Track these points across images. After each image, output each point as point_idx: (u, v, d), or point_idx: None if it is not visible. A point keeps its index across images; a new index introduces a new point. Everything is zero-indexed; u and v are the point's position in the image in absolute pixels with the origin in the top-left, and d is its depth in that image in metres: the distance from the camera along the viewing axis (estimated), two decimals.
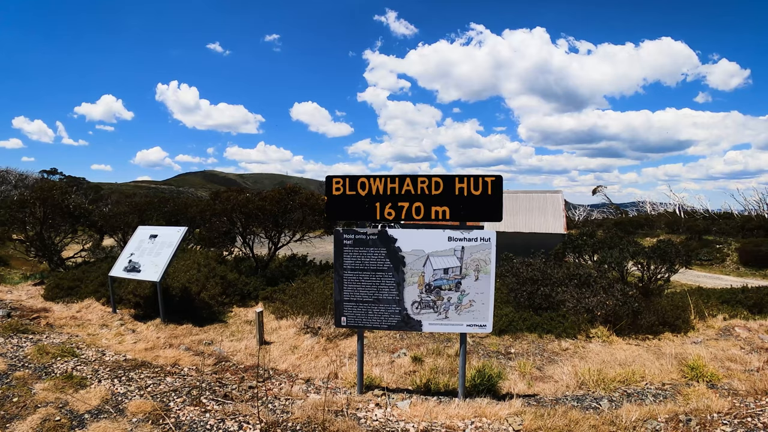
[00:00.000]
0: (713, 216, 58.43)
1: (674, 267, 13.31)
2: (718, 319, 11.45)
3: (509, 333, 9.68)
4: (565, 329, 9.58)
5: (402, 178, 5.91)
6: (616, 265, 13.19)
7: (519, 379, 7.37)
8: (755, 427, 4.92)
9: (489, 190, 5.88)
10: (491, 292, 5.87)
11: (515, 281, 11.25)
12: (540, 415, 5.03)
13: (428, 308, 5.85)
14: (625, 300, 10.17)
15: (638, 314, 10.00)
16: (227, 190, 19.26)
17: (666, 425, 4.94)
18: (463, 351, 6.08)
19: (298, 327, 9.90)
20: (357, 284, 5.93)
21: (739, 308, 13.03)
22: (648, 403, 5.98)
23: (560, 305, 10.41)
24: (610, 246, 13.53)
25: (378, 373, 7.14)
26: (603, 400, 6.15)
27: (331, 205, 6.08)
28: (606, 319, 10.02)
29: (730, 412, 5.39)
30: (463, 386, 6.10)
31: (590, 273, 11.87)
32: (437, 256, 5.80)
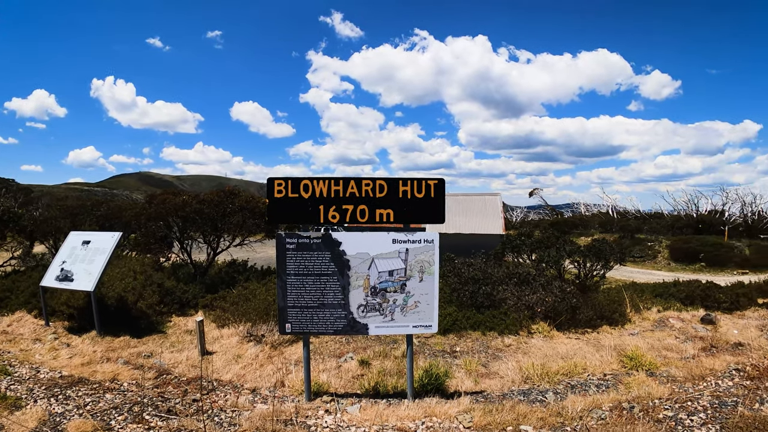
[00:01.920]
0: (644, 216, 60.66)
1: (609, 264, 13.75)
2: (652, 312, 11.88)
3: (454, 332, 9.76)
4: (507, 326, 9.75)
5: (346, 181, 5.88)
6: (554, 264, 13.53)
7: (466, 376, 7.43)
8: (695, 410, 5.13)
9: (432, 192, 5.93)
10: (436, 292, 5.93)
11: (458, 281, 11.38)
12: (489, 411, 5.10)
13: (374, 311, 5.84)
14: (564, 296, 10.46)
15: (577, 309, 10.29)
16: (163, 192, 18.65)
17: (611, 413, 5.08)
18: (410, 352, 6.11)
19: (241, 335, 9.69)
20: (301, 289, 5.85)
21: (672, 301, 13.58)
22: (592, 393, 6.16)
23: (501, 303, 10.59)
24: (547, 246, 13.88)
25: (326, 379, 7.06)
26: (548, 392, 6.28)
27: (273, 208, 5.96)
28: (546, 315, 10.26)
29: (671, 397, 5.60)
30: (412, 387, 6.12)
31: (529, 272, 12.14)
32: (382, 259, 5.80)
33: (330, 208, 5.86)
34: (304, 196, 5.88)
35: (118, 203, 25.92)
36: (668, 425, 4.73)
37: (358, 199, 5.86)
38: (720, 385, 6.04)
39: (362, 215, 5.85)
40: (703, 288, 15.09)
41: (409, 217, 5.92)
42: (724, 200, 56.18)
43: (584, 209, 72.33)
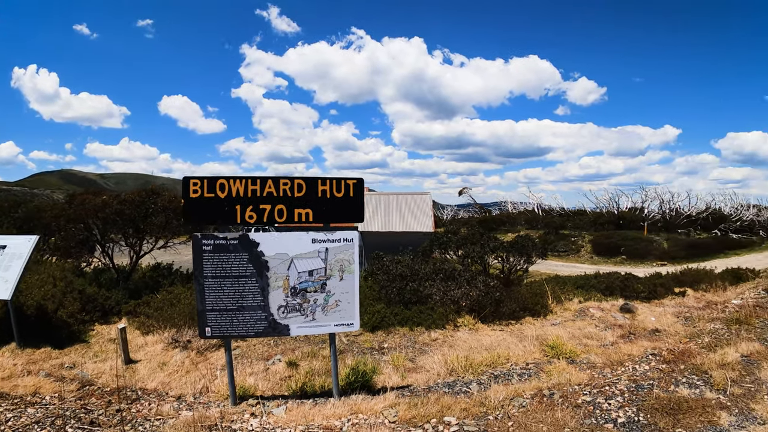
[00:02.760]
0: (568, 213, 62.98)
1: (531, 259, 14.13)
2: (574, 302, 12.29)
3: (382, 329, 9.80)
4: (434, 321, 9.87)
5: (264, 180, 5.77)
6: (479, 259, 13.79)
7: (393, 372, 7.48)
8: (613, 394, 5.34)
9: (351, 192, 5.92)
10: (356, 290, 5.92)
11: (386, 278, 11.44)
12: (414, 405, 5.13)
13: (295, 312, 5.77)
14: (488, 290, 10.69)
15: (500, 302, 10.55)
16: (84, 192, 17.83)
17: (531, 401, 5.22)
18: (334, 351, 6.08)
19: (166, 342, 9.41)
20: (219, 292, 5.70)
21: (593, 292, 14.11)
22: (514, 382, 6.30)
23: (428, 298, 10.72)
24: (472, 242, 14.14)
25: (253, 382, 6.96)
26: (472, 383, 6.38)
27: (188, 208, 5.78)
28: (471, 308, 10.45)
29: (590, 383, 5.79)
30: (337, 385, 6.09)
31: (455, 267, 12.35)
32: (301, 259, 5.74)
33: (247, 208, 5.74)
34: (221, 195, 5.73)
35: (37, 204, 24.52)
36: (586, 410, 4.89)
37: (276, 199, 5.77)
38: (637, 370, 6.30)
39: (280, 215, 5.77)
40: (622, 279, 15.78)
41: (329, 216, 5.90)
42: (644, 198, 59.48)
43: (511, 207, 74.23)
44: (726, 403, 5.01)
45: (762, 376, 5.85)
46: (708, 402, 5.02)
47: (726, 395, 5.24)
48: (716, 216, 57.00)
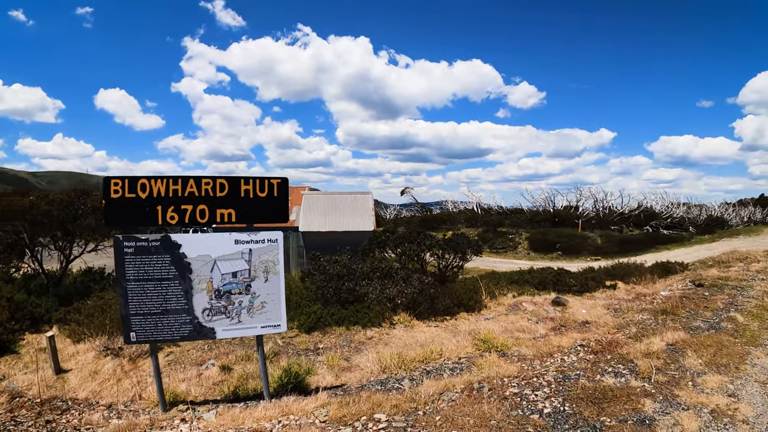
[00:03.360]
0: (506, 211, 64.27)
1: (466, 256, 14.27)
2: (508, 297, 12.48)
3: (318, 329, 9.69)
4: (370, 319, 9.84)
5: (185, 180, 5.60)
6: (416, 257, 13.86)
7: (328, 372, 7.42)
8: (540, 385, 5.41)
9: (275, 191, 5.81)
10: (282, 291, 5.82)
11: (323, 278, 11.33)
12: (346, 403, 5.09)
13: (220, 314, 5.63)
14: (423, 288, 10.74)
15: (435, 299, 10.63)
16: (12, 192, 17.01)
17: (461, 394, 5.23)
18: (261, 353, 5.98)
19: (97, 349, 9.06)
20: (143, 296, 5.50)
21: (527, 287, 14.39)
22: (446, 377, 6.32)
23: (365, 297, 10.67)
24: (409, 240, 14.17)
25: (185, 388, 6.81)
26: (405, 380, 6.38)
27: (110, 210, 5.55)
28: (407, 306, 10.47)
29: (519, 375, 5.87)
30: (267, 388, 6.00)
31: (392, 266, 12.36)
32: (225, 260, 5.59)
33: (168, 208, 5.55)
34: (142, 196, 5.52)
35: None
36: (513, 401, 4.95)
37: (197, 199, 5.59)
38: (565, 361, 6.42)
39: (202, 216, 5.60)
40: (554, 274, 16.14)
41: (252, 216, 5.77)
42: (579, 197, 61.53)
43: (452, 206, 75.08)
44: (650, 391, 5.15)
45: (686, 364, 6.05)
46: (633, 390, 5.14)
47: (651, 383, 5.39)
48: (648, 213, 59.59)
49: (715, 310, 9.37)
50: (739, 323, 8.27)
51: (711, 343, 6.95)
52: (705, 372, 5.79)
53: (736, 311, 9.16)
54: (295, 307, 10.74)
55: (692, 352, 6.52)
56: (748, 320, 8.51)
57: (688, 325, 8.09)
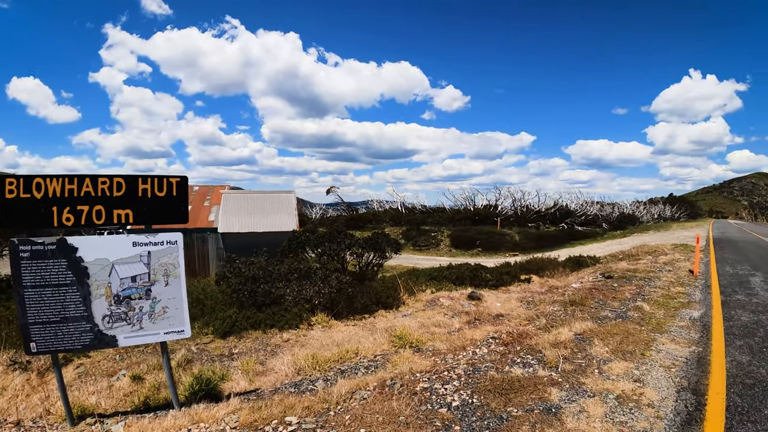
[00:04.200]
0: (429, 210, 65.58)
1: (386, 254, 14.33)
2: (426, 293, 12.63)
3: (234, 334, 9.48)
4: (287, 321, 9.71)
5: (81, 178, 5.30)
6: (335, 257, 13.80)
7: (242, 377, 7.24)
8: (450, 378, 5.45)
9: (174, 191, 5.57)
10: (184, 296, 5.58)
11: (238, 281, 11.08)
12: (258, 408, 5.00)
13: (121, 321, 5.35)
14: (341, 287, 10.70)
15: (354, 298, 10.61)
16: None
17: (373, 392, 5.19)
18: (167, 360, 5.75)
19: (4, 364, 8.51)
20: (41, 303, 5.15)
21: (445, 282, 14.63)
22: (360, 375, 6.27)
23: (281, 299, 10.52)
24: (329, 240, 14.09)
25: (95, 401, 6.47)
26: (318, 381, 6.29)
27: (4, 211, 5.19)
28: (326, 306, 10.41)
29: (431, 369, 5.89)
30: (176, 396, 5.77)
31: (310, 266, 12.26)
32: (123, 264, 5.32)
33: (64, 209, 5.23)
34: (37, 196, 5.18)
35: None
36: (423, 396, 4.95)
37: (94, 199, 5.30)
38: (477, 353, 6.50)
39: (99, 216, 5.31)
40: (472, 269, 16.48)
41: (150, 217, 5.51)
42: (498, 196, 64.02)
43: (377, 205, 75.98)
44: (557, 380, 5.27)
45: (593, 352, 6.24)
46: (540, 380, 5.25)
47: (558, 372, 5.52)
48: (563, 211, 63.05)
49: (623, 300, 9.75)
50: (645, 312, 8.62)
51: (618, 332, 7.20)
52: (611, 359, 5.98)
53: (642, 301, 9.56)
54: (210, 311, 10.49)
55: (599, 340, 6.73)
56: (654, 309, 8.89)
57: (596, 315, 8.37)
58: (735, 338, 7.12)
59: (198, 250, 24.34)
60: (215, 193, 27.80)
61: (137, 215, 5.43)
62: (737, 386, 5.24)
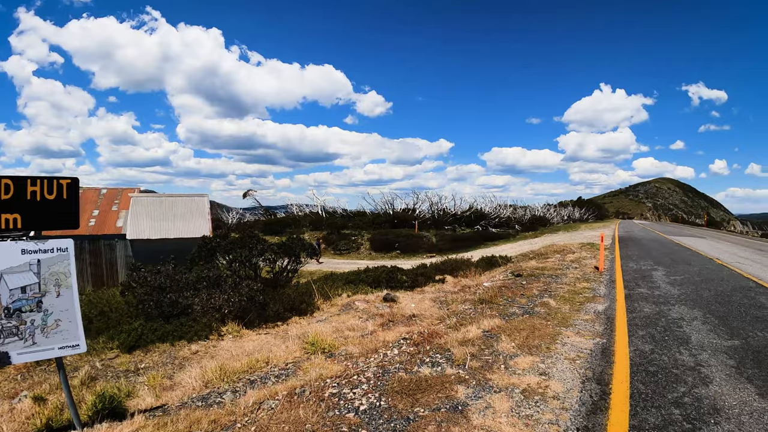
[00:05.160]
0: (350, 214, 65.81)
1: (300, 259, 14.13)
2: (343, 298, 12.56)
3: (140, 348, 9.08)
4: (196, 332, 9.39)
5: None
6: (247, 263, 13.47)
7: (148, 393, 6.93)
8: (359, 382, 5.39)
9: (65, 193, 5.22)
10: (76, 308, 5.23)
11: (144, 291, 10.61)
12: (163, 424, 4.80)
13: (12, 336, 4.96)
14: (252, 295, 10.44)
15: (266, 306, 10.38)
16: None
17: (282, 401, 5.07)
18: (64, 378, 5.40)
19: None
20: None
21: (362, 286, 14.59)
22: (270, 384, 6.12)
23: (190, 309, 10.17)
24: (240, 246, 13.73)
25: None
26: (227, 393, 6.10)
27: None
28: (236, 315, 10.14)
29: (342, 374, 5.81)
30: (77, 416, 5.45)
31: (220, 273, 11.90)
32: (12, 274, 4.93)
33: None
34: None
35: None
36: (331, 402, 4.88)
37: None
38: (388, 355, 6.48)
39: None
40: (388, 272, 16.56)
41: (41, 222, 5.13)
42: (416, 200, 65.08)
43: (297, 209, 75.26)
44: (464, 377, 5.32)
45: (500, 348, 6.34)
46: (447, 378, 5.28)
47: (465, 369, 5.57)
48: (478, 214, 65.14)
49: (531, 296, 10.02)
50: (551, 307, 8.88)
51: (524, 327, 7.37)
52: (517, 354, 6.10)
53: (549, 297, 9.84)
54: (116, 324, 10.03)
55: (506, 336, 6.86)
56: (559, 304, 9.17)
57: (504, 312, 8.55)
58: (638, 329, 7.44)
59: (105, 258, 22.80)
60: (124, 196, 26.20)
61: (26, 220, 5.02)
62: (641, 374, 5.46)
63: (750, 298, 9.92)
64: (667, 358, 6.05)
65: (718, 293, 10.48)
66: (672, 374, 5.47)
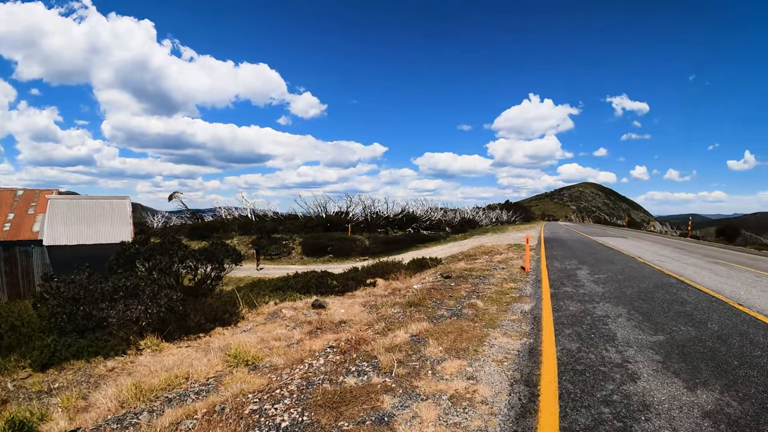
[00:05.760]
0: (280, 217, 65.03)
1: (223, 266, 13.64)
2: (270, 305, 12.24)
3: (54, 365, 8.54)
4: (113, 347, 8.89)
5: None
6: (168, 270, 12.87)
7: (62, 415, 6.51)
8: (282, 396, 5.15)
9: None
10: None
11: (56, 303, 9.95)
12: None
13: None
14: (171, 305, 9.94)
15: (186, 316, 9.93)
16: None
17: (200, 420, 4.80)
18: None
19: None
20: None
21: (290, 292, 14.27)
22: (190, 402, 5.81)
23: (105, 322, 9.62)
24: (161, 252, 13.11)
25: None
26: (143, 413, 5.76)
27: None
28: (155, 327, 9.65)
29: (264, 388, 5.56)
30: None
31: (138, 283, 11.30)
32: None
33: None
34: None
35: None
36: (251, 419, 4.64)
37: None
38: (313, 365, 6.26)
39: None
40: (318, 277, 16.33)
41: None
42: (349, 203, 65.29)
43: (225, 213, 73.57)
44: (391, 386, 5.17)
45: (427, 353, 6.24)
46: (373, 388, 5.11)
47: (392, 377, 5.42)
48: (410, 217, 65.95)
49: (459, 298, 10.01)
50: (479, 308, 8.88)
51: (452, 330, 7.30)
52: (445, 359, 6.01)
53: (477, 298, 9.85)
54: (27, 340, 9.40)
55: (434, 340, 6.76)
56: (487, 305, 9.19)
57: (433, 315, 8.48)
58: (564, 327, 7.52)
59: (22, 266, 21.15)
60: (41, 198, 24.36)
61: None
62: (568, 373, 5.48)
63: (672, 294, 10.26)
64: (594, 355, 6.10)
65: (641, 290, 10.79)
66: (600, 372, 5.52)
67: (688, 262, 17.77)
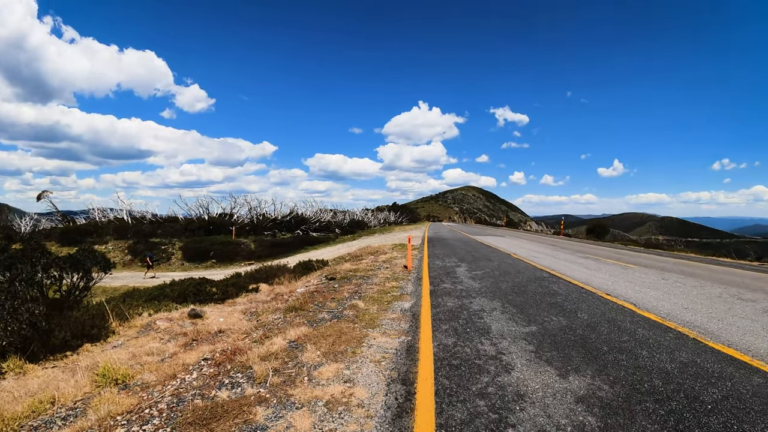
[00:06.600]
0: (160, 220, 62.33)
1: (91, 275, 12.79)
2: (143, 317, 11.62)
3: None
4: None
5: None
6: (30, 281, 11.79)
7: None
8: (151, 416, 4.91)
9: None
10: None
11: None
12: None
13: None
14: (34, 321, 9.16)
15: (51, 333, 9.21)
16: None
17: None
18: None
19: None
20: None
21: (166, 302, 13.67)
22: (56, 429, 5.41)
23: None
24: (23, 260, 12.02)
25: None
26: None
27: None
28: (18, 347, 8.88)
29: (134, 408, 5.29)
30: None
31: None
32: None
33: None
34: None
35: None
36: None
37: None
38: (186, 380, 6.02)
39: None
40: (195, 284, 15.77)
41: None
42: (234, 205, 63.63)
43: (99, 215, 69.52)
44: (265, 396, 5.05)
45: (304, 359, 6.16)
46: (247, 400, 4.98)
47: (266, 387, 5.30)
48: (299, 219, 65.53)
49: (341, 300, 10.00)
50: (360, 309, 8.90)
51: (331, 333, 7.27)
52: (322, 363, 5.95)
53: (358, 298, 9.89)
54: None
55: (312, 345, 6.70)
56: (368, 305, 9.24)
57: (313, 319, 8.41)
58: (441, 323, 7.69)
59: None
60: None
61: None
62: (445, 369, 5.59)
63: (544, 287, 10.81)
64: (470, 349, 6.28)
65: (515, 284, 11.28)
66: (475, 365, 5.68)
67: (560, 257, 18.87)
